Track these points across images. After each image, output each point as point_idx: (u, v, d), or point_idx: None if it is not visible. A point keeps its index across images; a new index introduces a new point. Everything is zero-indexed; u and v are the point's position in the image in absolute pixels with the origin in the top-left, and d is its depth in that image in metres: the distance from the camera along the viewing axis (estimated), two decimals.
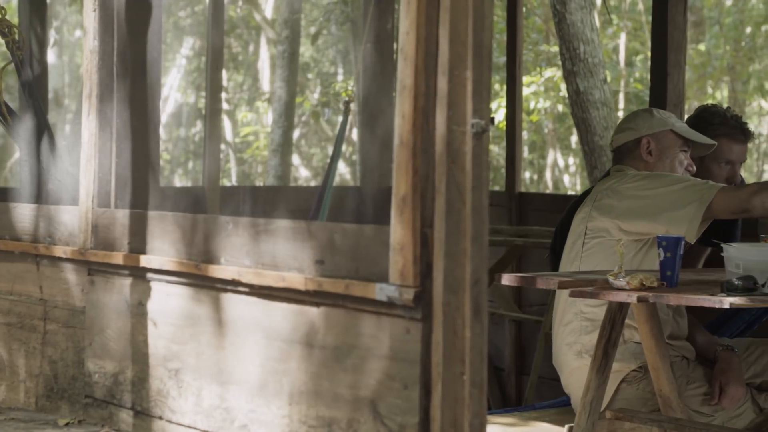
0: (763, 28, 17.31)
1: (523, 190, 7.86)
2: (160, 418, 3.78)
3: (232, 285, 3.53)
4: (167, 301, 3.80)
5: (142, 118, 4.22)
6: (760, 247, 3.82)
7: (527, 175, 18.68)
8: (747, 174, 18.62)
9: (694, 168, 4.34)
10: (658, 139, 4.31)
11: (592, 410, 3.97)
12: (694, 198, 4.02)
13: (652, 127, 4.31)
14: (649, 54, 7.09)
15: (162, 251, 3.82)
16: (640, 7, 17.03)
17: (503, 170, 7.86)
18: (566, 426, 4.10)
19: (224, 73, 17.68)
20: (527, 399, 6.60)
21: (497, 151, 17.04)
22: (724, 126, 4.55)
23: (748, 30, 17.38)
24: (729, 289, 3.47)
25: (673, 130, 4.32)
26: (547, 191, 17.46)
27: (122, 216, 4.00)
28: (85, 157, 4.18)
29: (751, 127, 4.64)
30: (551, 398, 5.33)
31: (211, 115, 6.60)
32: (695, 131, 4.38)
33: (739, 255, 3.64)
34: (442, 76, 2.88)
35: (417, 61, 2.92)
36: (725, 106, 4.76)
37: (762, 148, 19.22)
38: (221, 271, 3.55)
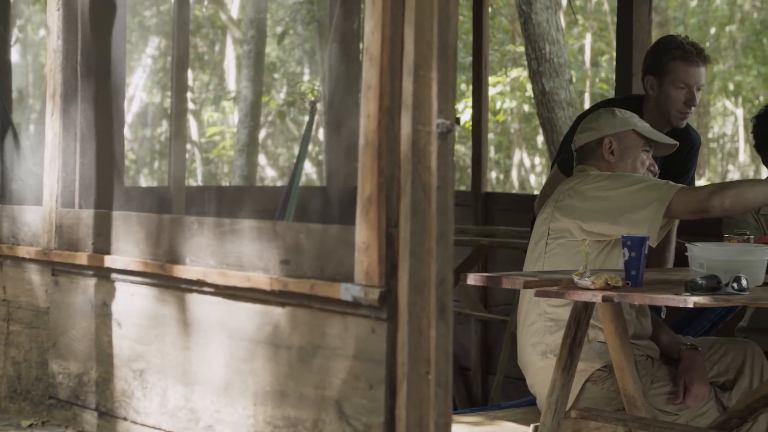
0: (728, 29, 17.42)
1: (489, 189, 7.86)
2: (125, 419, 3.77)
3: (197, 285, 3.51)
4: (132, 301, 3.79)
5: (107, 117, 4.21)
6: (724, 246, 3.84)
7: (493, 174, 18.72)
8: (712, 174, 18.72)
9: (657, 168, 4.37)
10: (620, 139, 4.33)
11: (557, 409, 3.98)
12: (654, 198, 4.04)
13: (614, 127, 4.33)
14: (614, 54, 7.11)
15: (127, 251, 3.80)
16: (606, 7, 17.10)
17: (469, 170, 7.86)
18: (532, 425, 4.10)
19: (190, 73, 17.62)
20: (493, 398, 6.61)
21: (463, 151, 17.07)
22: (679, 50, 4.68)
23: (713, 31, 17.49)
24: (693, 288, 3.48)
25: (635, 130, 4.34)
26: (513, 191, 17.50)
27: (86, 216, 3.98)
28: (48, 157, 4.15)
29: (708, 54, 4.80)
30: (517, 398, 5.34)
31: (177, 114, 6.58)
32: (657, 131, 4.41)
33: (703, 254, 3.66)
34: (407, 76, 2.88)
35: (382, 61, 2.92)
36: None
37: (726, 148, 19.33)
38: (186, 271, 3.53)
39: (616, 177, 4.21)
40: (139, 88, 18.03)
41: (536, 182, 18.65)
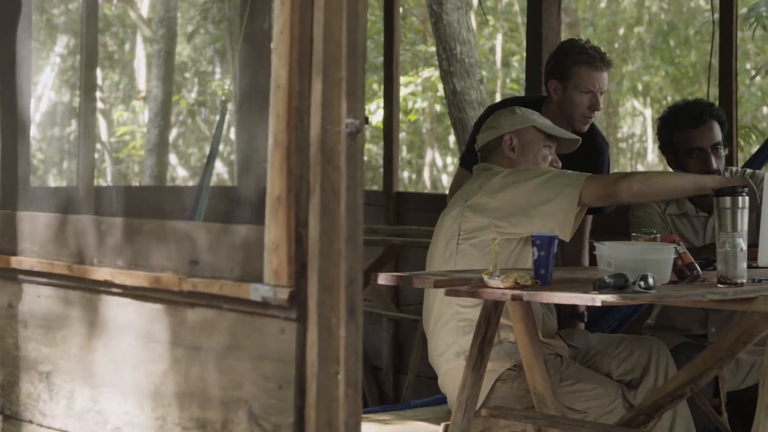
0: (636, 30, 17.63)
1: (401, 189, 7.89)
2: (31, 422, 3.72)
3: (105, 286, 3.48)
4: (38, 302, 3.74)
5: (12, 117, 4.15)
6: (631, 245, 3.89)
7: (406, 174, 18.77)
8: None
9: (560, 163, 4.42)
10: (521, 135, 4.38)
11: (467, 408, 4.00)
12: (565, 185, 4.10)
13: (513, 124, 4.37)
14: (524, 55, 7.16)
15: (33, 252, 3.75)
16: (516, 8, 17.22)
17: (381, 170, 7.88)
18: (442, 424, 4.12)
19: (99, 72, 17.45)
20: (405, 397, 6.63)
21: (375, 150, 17.09)
22: (583, 54, 4.74)
23: (621, 32, 17.70)
24: (601, 286, 3.52)
25: (534, 126, 4.39)
26: (425, 191, 17.56)
27: None
28: None
29: (609, 57, 4.88)
30: (429, 396, 5.36)
31: (86, 114, 6.51)
32: (558, 127, 4.47)
33: (611, 253, 3.70)
34: (316, 75, 2.88)
35: (291, 60, 2.91)
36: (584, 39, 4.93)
37: (635, 148, 19.56)
38: (94, 272, 3.50)
39: (523, 171, 4.25)
40: (48, 87, 17.81)
41: (448, 182, 18.73)
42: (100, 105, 18.09)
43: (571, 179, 4.11)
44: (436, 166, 18.75)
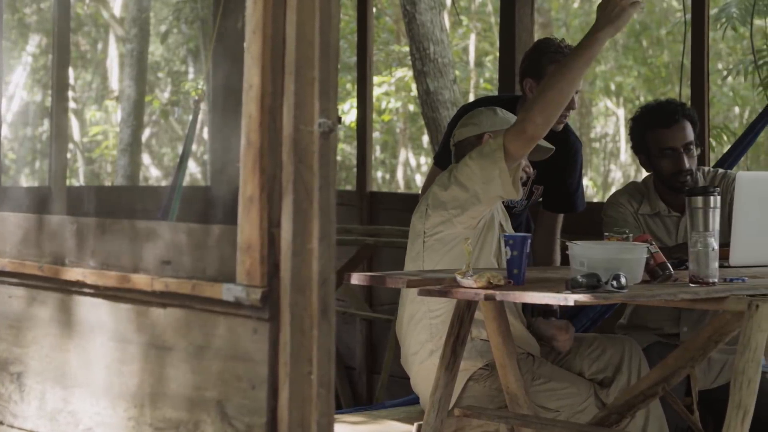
0: None
1: (374, 189, 7.90)
2: (1, 423, 3.70)
3: (77, 286, 3.47)
4: (9, 303, 3.72)
5: None
6: (604, 245, 3.90)
7: (379, 174, 18.77)
8: (594, 173, 18.99)
9: (531, 169, 4.43)
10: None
11: (440, 408, 4.01)
12: (492, 150, 4.14)
13: (494, 124, 4.38)
14: (498, 55, 7.17)
15: (4, 253, 3.74)
16: (489, 8, 17.25)
17: (355, 170, 7.88)
18: (415, 424, 4.13)
19: (71, 72, 17.37)
20: (378, 397, 6.63)
21: (349, 150, 17.09)
22: (559, 54, 4.75)
23: None
24: (573, 286, 3.53)
25: None
26: (399, 190, 17.57)
27: None
28: None
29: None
30: (402, 396, 5.36)
31: (58, 113, 6.49)
32: None
33: (583, 253, 3.71)
34: (289, 75, 2.88)
35: (264, 60, 2.91)
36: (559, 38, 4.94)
37: (608, 148, 19.61)
38: (65, 272, 3.48)
39: (463, 160, 4.29)
40: (20, 87, 17.73)
41: (421, 182, 18.72)
42: (72, 105, 18.02)
43: (495, 143, 4.16)
44: (410, 166, 18.76)
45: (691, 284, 3.72)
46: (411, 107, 16.38)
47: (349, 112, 13.84)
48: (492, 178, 4.13)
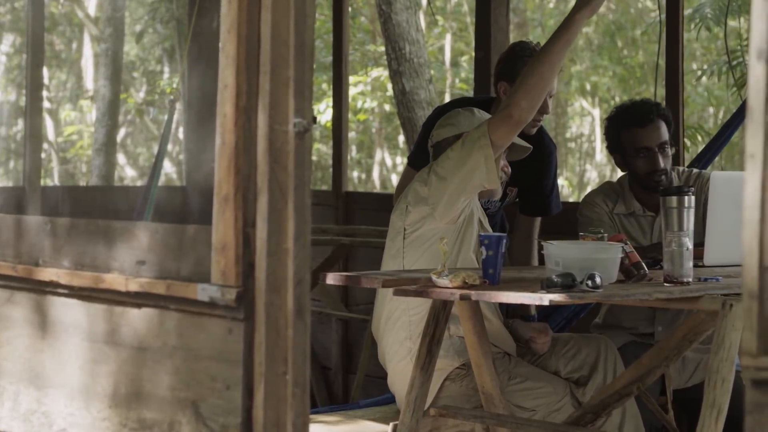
0: (584, 30, 17.70)
1: (351, 189, 7.89)
2: None
3: (51, 287, 3.45)
4: None
5: None
6: (579, 245, 3.90)
7: (355, 174, 18.76)
8: (570, 173, 19.03)
9: (509, 169, 4.44)
10: None
11: (416, 408, 4.01)
12: (475, 139, 4.15)
13: (472, 125, 4.39)
14: (473, 55, 7.18)
15: None
16: (465, 8, 17.26)
17: (331, 169, 7.88)
18: (391, 424, 4.12)
19: (46, 71, 17.31)
20: (354, 397, 6.62)
21: (325, 150, 17.07)
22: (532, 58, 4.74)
23: None
24: (549, 286, 3.53)
25: None
26: (375, 190, 17.57)
27: None
28: None
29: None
30: (378, 396, 5.36)
31: (32, 113, 6.47)
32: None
33: (558, 252, 3.71)
34: (264, 75, 2.87)
35: (238, 60, 2.90)
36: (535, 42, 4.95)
37: (584, 148, 19.66)
38: (39, 272, 3.47)
39: (444, 154, 4.29)
40: None
41: (397, 181, 18.73)
42: (46, 104, 17.95)
43: (478, 132, 4.17)
44: (386, 166, 18.76)
45: (665, 284, 3.73)
46: (387, 107, 16.38)
47: (324, 111, 13.83)
48: (476, 166, 4.13)
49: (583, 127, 19.64)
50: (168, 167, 17.77)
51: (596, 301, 3.86)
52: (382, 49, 12.22)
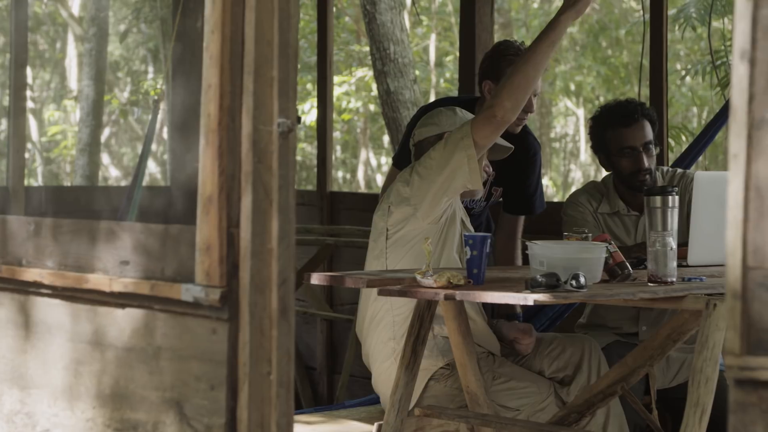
0: (568, 30, 17.71)
1: (335, 189, 7.89)
2: None
3: (35, 287, 3.44)
4: None
5: None
6: (563, 244, 3.91)
7: (340, 174, 18.76)
8: (554, 173, 19.05)
9: (491, 169, 4.44)
10: None
11: (400, 408, 4.01)
12: (458, 139, 4.15)
13: (454, 124, 4.39)
14: (458, 54, 7.19)
15: None
16: (450, 8, 17.27)
17: (316, 169, 7.87)
18: (376, 424, 4.12)
19: (29, 71, 17.26)
20: (339, 397, 6.63)
21: (310, 150, 17.07)
22: (517, 56, 4.75)
23: None
24: (533, 285, 3.54)
25: None
26: (360, 190, 17.57)
27: None
28: None
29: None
30: (363, 396, 5.36)
31: (16, 113, 6.45)
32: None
33: (543, 252, 3.72)
34: (248, 75, 2.87)
35: (222, 60, 2.90)
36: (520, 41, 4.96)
37: (568, 148, 19.69)
38: (23, 273, 3.46)
39: (426, 154, 4.30)
40: None
41: (382, 181, 18.74)
42: (30, 104, 17.91)
43: (461, 132, 4.18)
44: (371, 166, 18.77)
45: (649, 283, 3.73)
46: (371, 107, 16.38)
47: (309, 111, 13.83)
48: (459, 166, 4.13)
49: (567, 127, 19.67)
50: (152, 167, 17.74)
51: (581, 300, 3.87)
52: (367, 49, 12.23)
